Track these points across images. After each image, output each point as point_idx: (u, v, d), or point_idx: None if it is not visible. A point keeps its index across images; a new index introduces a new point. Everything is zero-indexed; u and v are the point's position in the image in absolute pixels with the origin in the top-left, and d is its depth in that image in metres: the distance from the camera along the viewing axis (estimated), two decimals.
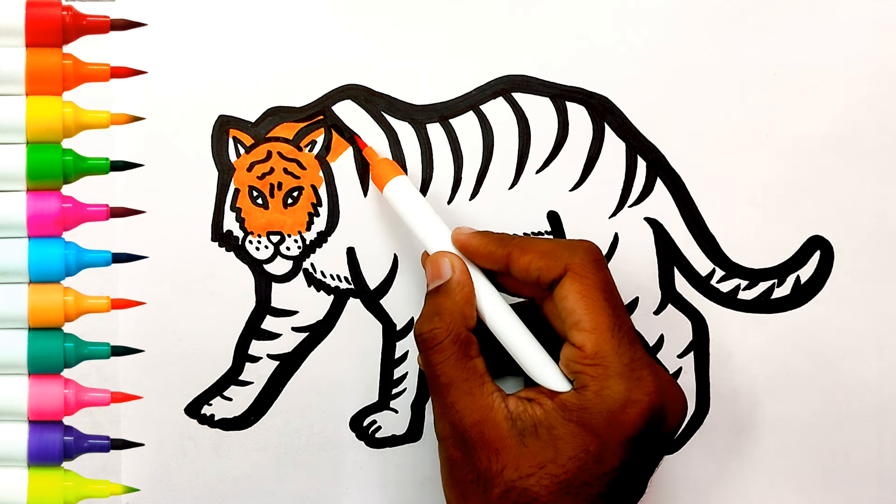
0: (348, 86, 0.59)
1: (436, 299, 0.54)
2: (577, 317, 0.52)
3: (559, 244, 0.54)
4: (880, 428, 0.61)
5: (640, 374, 0.51)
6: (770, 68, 0.60)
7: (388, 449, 0.60)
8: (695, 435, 0.61)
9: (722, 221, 0.60)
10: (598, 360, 0.51)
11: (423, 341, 0.53)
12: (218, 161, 0.59)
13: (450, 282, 0.54)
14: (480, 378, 0.53)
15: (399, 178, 0.57)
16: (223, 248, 0.59)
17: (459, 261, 0.55)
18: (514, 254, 0.54)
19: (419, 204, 0.56)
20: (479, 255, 0.55)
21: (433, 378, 0.53)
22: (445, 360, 0.53)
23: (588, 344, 0.51)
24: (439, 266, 0.55)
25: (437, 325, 0.53)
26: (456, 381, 0.52)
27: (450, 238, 0.55)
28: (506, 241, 0.54)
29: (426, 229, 0.56)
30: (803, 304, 0.61)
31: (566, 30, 0.59)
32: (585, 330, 0.52)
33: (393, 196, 0.57)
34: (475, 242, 0.55)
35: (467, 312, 0.54)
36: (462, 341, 0.53)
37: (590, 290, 0.52)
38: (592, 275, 0.52)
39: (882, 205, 0.60)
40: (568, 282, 0.52)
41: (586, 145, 0.60)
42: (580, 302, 0.52)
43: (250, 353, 0.59)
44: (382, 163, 0.58)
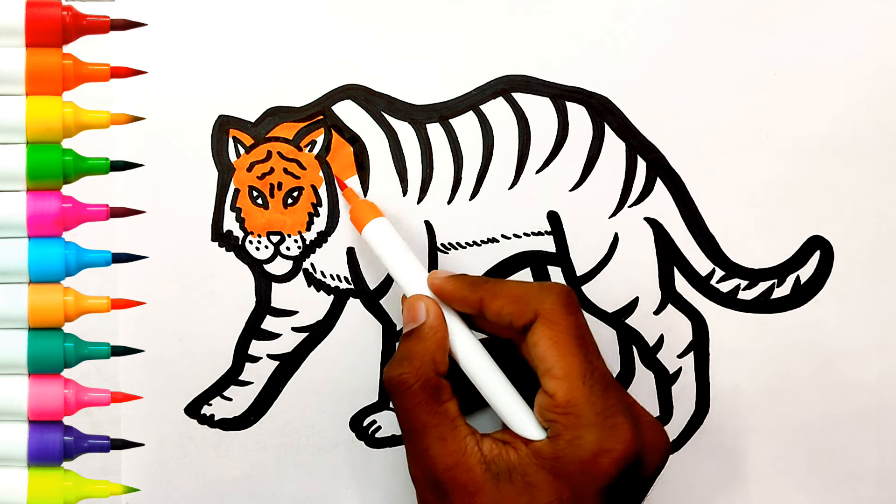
0: (348, 86, 0.59)
1: (407, 344, 0.54)
2: (549, 364, 0.51)
3: (531, 288, 0.53)
4: (880, 428, 0.61)
5: (613, 421, 0.51)
6: (770, 68, 0.60)
7: (388, 449, 0.60)
8: (695, 435, 0.61)
9: (722, 221, 0.60)
10: (569, 409, 0.51)
11: (391, 386, 0.53)
12: (218, 161, 0.59)
13: (423, 326, 0.54)
14: (453, 422, 0.52)
15: (377, 221, 0.57)
16: (223, 248, 0.59)
17: (434, 304, 0.54)
18: (486, 299, 0.53)
19: (397, 246, 0.56)
20: (454, 300, 0.54)
21: (404, 423, 0.53)
22: (415, 405, 0.52)
23: (560, 392, 0.51)
24: (414, 309, 0.54)
25: (405, 370, 0.52)
26: (427, 427, 0.52)
27: (426, 281, 0.55)
28: (478, 286, 0.54)
29: (403, 272, 0.56)
30: (803, 304, 0.61)
31: (566, 30, 0.59)
32: (557, 377, 0.51)
33: (371, 238, 0.57)
34: (449, 287, 0.54)
35: (438, 358, 0.53)
36: (432, 386, 0.52)
37: (561, 335, 0.52)
38: (563, 320, 0.52)
39: (882, 205, 0.60)
40: (539, 328, 0.52)
41: (586, 145, 0.60)
42: (551, 349, 0.51)
43: (250, 353, 0.59)
44: (362, 204, 0.58)
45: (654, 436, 0.52)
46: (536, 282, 0.57)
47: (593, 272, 0.60)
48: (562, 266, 0.60)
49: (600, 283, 0.60)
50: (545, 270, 0.60)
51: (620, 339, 0.60)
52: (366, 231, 0.57)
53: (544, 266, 0.60)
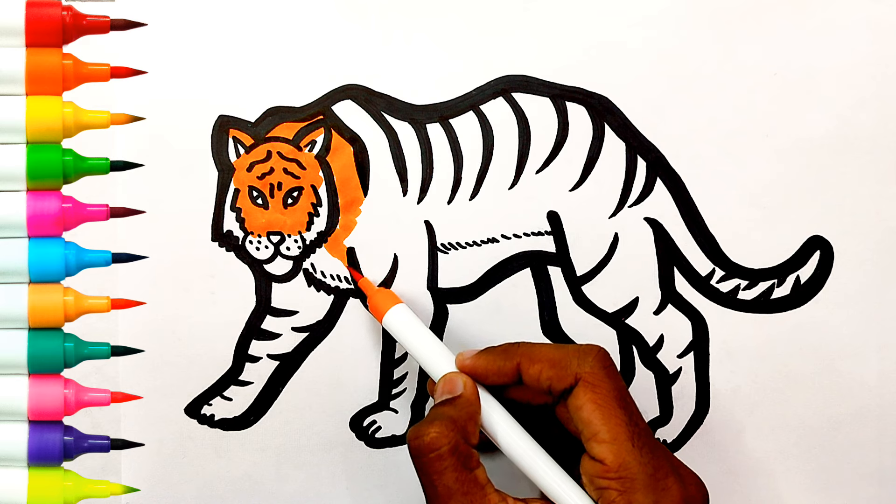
0: (348, 86, 0.59)
1: (439, 409, 0.53)
2: (595, 428, 0.51)
3: (568, 352, 0.53)
4: (880, 428, 0.61)
5: (664, 483, 0.51)
6: (770, 68, 0.60)
7: (388, 449, 0.60)
8: (695, 435, 0.61)
9: (722, 221, 0.60)
10: (622, 473, 0.50)
11: (418, 447, 0.51)
12: (218, 161, 0.59)
13: (458, 397, 0.53)
14: (482, 490, 0.51)
15: (397, 308, 0.57)
16: (223, 248, 0.59)
17: (471, 381, 0.54)
18: (524, 364, 0.53)
19: (420, 331, 0.56)
20: (490, 373, 0.54)
21: (430, 489, 0.51)
22: (443, 469, 0.51)
23: (609, 456, 0.50)
24: (452, 383, 0.54)
25: (436, 429, 0.51)
26: (455, 495, 0.50)
27: (453, 361, 0.55)
28: (511, 353, 0.54)
29: (430, 356, 0.56)
30: (803, 304, 0.61)
31: (566, 30, 0.59)
32: (605, 441, 0.51)
33: (393, 326, 0.57)
34: (481, 363, 0.54)
35: (470, 428, 0.52)
36: (462, 452, 0.51)
37: (604, 399, 0.51)
38: (604, 383, 0.52)
39: (882, 205, 0.60)
40: (581, 392, 0.51)
41: (586, 145, 0.60)
42: (596, 413, 0.51)
43: (250, 353, 0.59)
44: (379, 293, 0.58)
45: (696, 490, 0.52)
46: (571, 345, 0.56)
47: (593, 272, 0.60)
48: (562, 266, 0.60)
49: (600, 283, 0.60)
50: (545, 270, 0.60)
51: (620, 339, 0.60)
52: (386, 319, 0.57)
53: (544, 266, 0.60)
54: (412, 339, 0.56)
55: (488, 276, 0.60)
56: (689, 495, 0.51)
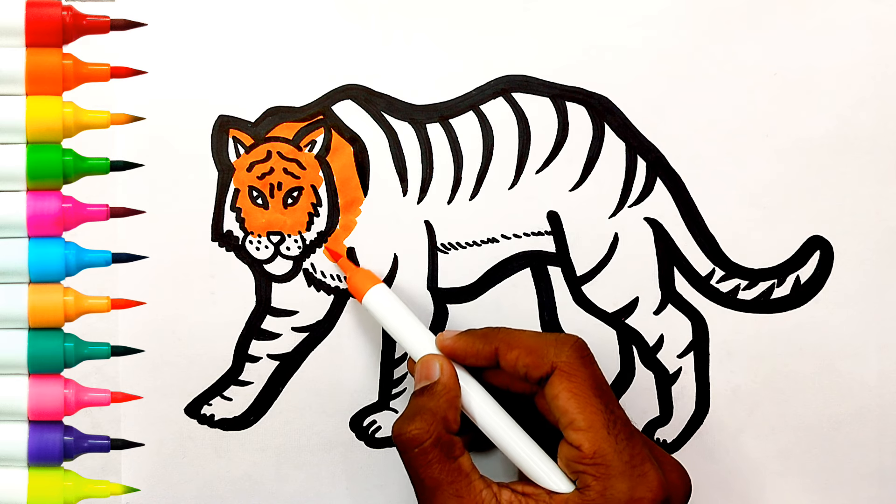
0: (348, 86, 0.59)
1: (419, 400, 0.54)
2: (571, 416, 0.51)
3: (545, 340, 0.53)
4: (880, 428, 0.61)
5: (641, 469, 0.51)
6: (770, 68, 0.60)
7: (388, 449, 0.60)
8: (695, 435, 0.61)
9: (722, 221, 0.60)
10: (597, 460, 0.51)
11: (402, 442, 0.52)
12: (218, 161, 0.59)
13: (436, 384, 0.54)
14: (467, 477, 0.52)
15: (377, 288, 0.57)
16: (223, 248, 0.59)
17: (448, 364, 0.54)
18: (501, 349, 0.54)
19: (400, 311, 0.56)
20: (468, 355, 0.54)
21: (417, 481, 0.52)
22: (428, 462, 0.52)
23: (585, 443, 0.51)
24: (428, 368, 0.54)
25: (417, 425, 0.52)
26: (442, 485, 0.51)
27: (433, 342, 0.55)
28: (491, 337, 0.54)
29: (409, 336, 0.56)
30: (803, 304, 0.61)
31: (566, 30, 0.59)
32: (581, 429, 0.51)
33: (372, 306, 0.57)
34: (461, 344, 0.54)
35: (450, 416, 0.53)
36: (444, 443, 0.52)
37: (580, 387, 0.52)
38: (580, 371, 0.52)
39: (882, 205, 0.60)
40: (557, 380, 0.52)
41: (586, 145, 0.60)
42: (572, 401, 0.52)
43: (250, 353, 0.59)
44: (359, 272, 0.58)
45: (677, 477, 0.53)
46: (550, 333, 0.56)
47: (593, 272, 0.60)
48: (562, 266, 0.60)
49: (600, 283, 0.60)
50: (545, 270, 0.60)
51: (620, 339, 0.60)
52: (366, 299, 0.57)
53: (544, 266, 0.60)
54: (392, 319, 0.56)
55: (488, 276, 0.60)
56: (669, 481, 0.52)
